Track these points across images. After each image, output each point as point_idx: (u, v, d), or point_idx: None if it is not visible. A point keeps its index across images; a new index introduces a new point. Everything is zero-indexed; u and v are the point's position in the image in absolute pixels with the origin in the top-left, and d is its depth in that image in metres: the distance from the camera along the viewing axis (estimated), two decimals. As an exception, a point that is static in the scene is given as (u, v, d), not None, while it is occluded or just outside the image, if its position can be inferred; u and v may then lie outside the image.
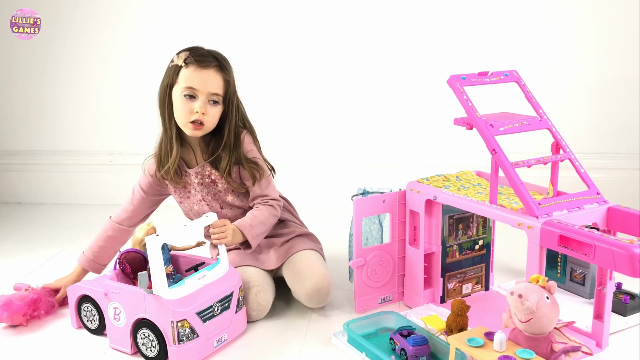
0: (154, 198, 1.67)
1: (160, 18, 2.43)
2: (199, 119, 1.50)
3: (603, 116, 2.38)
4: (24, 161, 2.61)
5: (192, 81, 1.49)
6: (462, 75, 1.43)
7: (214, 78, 1.51)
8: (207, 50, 1.55)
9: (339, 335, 1.43)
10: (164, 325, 1.30)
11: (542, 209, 1.29)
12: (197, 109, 1.49)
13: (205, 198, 1.61)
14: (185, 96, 1.50)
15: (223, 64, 1.54)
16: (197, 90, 1.49)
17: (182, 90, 1.50)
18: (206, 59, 1.51)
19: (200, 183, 1.59)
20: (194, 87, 1.49)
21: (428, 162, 2.40)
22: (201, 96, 1.50)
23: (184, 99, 1.50)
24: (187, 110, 1.50)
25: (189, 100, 1.50)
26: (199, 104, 1.49)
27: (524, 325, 1.17)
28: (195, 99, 1.50)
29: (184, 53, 1.52)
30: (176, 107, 1.52)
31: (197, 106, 1.49)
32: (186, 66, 1.50)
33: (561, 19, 2.31)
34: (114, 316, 1.39)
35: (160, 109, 1.55)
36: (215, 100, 1.52)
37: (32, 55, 2.50)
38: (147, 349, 1.35)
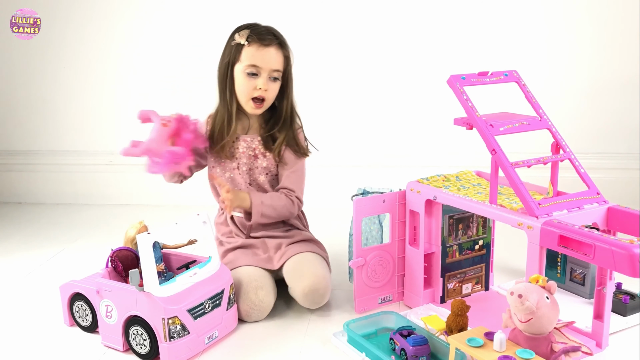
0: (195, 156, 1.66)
1: (160, 18, 2.43)
2: (261, 95, 1.56)
3: (603, 116, 2.38)
4: (24, 161, 2.61)
5: (255, 59, 1.54)
6: (462, 75, 1.43)
7: (275, 55, 1.56)
8: (265, 28, 1.59)
9: (339, 335, 1.43)
10: (155, 322, 1.30)
11: (542, 209, 1.29)
12: (260, 85, 1.55)
13: (240, 168, 1.63)
14: (248, 74, 1.55)
15: (283, 41, 1.59)
16: (260, 68, 1.54)
17: (244, 68, 1.55)
18: (267, 37, 1.55)
19: (243, 152, 1.63)
20: (257, 65, 1.54)
21: (428, 162, 2.40)
22: (263, 73, 1.55)
23: (247, 76, 1.55)
24: (250, 87, 1.55)
25: (251, 77, 1.55)
26: (262, 81, 1.55)
27: (524, 325, 1.17)
28: (257, 76, 1.55)
29: (245, 31, 1.56)
30: (238, 84, 1.57)
31: (261, 83, 1.54)
32: (248, 44, 1.54)
33: (561, 19, 2.31)
34: (106, 314, 1.39)
35: (220, 85, 1.61)
36: (276, 77, 1.57)
37: (32, 55, 2.50)
38: (138, 346, 1.36)
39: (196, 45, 2.40)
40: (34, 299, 1.69)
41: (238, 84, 1.57)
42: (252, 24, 1.59)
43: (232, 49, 1.57)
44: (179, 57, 2.45)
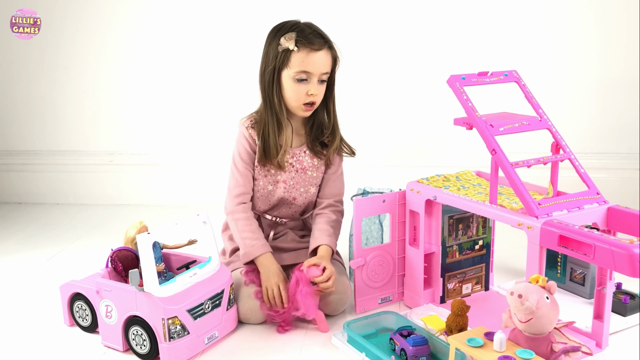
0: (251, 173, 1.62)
1: (160, 17, 2.43)
2: (312, 100, 1.51)
3: (603, 116, 2.38)
4: (24, 161, 2.61)
5: (306, 65, 1.48)
6: (462, 75, 1.43)
7: (325, 59, 1.51)
8: (311, 29, 1.52)
9: (339, 335, 1.43)
10: (155, 322, 1.31)
11: (542, 209, 1.29)
12: (312, 91, 1.50)
13: (288, 181, 1.60)
14: (298, 80, 1.49)
15: (331, 43, 1.53)
16: (310, 73, 1.49)
17: (294, 75, 1.49)
18: (317, 41, 1.49)
19: (292, 164, 1.59)
20: (309, 71, 1.49)
21: (428, 162, 2.40)
22: (314, 78, 1.50)
23: (296, 82, 1.50)
24: (302, 93, 1.50)
25: (301, 83, 1.50)
26: (313, 87, 1.50)
27: (524, 326, 1.16)
28: (307, 81, 1.50)
29: (290, 35, 1.49)
30: (288, 90, 1.51)
31: (313, 89, 1.50)
32: (298, 50, 1.48)
33: (561, 19, 2.31)
34: (106, 314, 1.39)
35: (266, 93, 1.54)
36: (324, 80, 1.53)
37: (32, 55, 2.50)
38: (138, 346, 1.36)
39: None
40: (34, 299, 1.69)
41: (288, 90, 1.51)
42: (294, 24, 1.52)
43: (278, 55, 1.50)
44: (179, 57, 2.45)
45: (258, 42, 2.39)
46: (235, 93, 2.44)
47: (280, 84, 1.52)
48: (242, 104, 2.42)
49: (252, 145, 1.58)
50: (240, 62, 2.41)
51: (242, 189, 1.59)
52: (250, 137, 1.58)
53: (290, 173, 1.59)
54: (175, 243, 1.58)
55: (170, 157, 2.53)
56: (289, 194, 1.61)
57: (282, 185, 1.60)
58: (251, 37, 2.40)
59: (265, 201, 1.62)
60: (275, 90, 1.52)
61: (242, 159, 1.58)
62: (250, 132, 1.58)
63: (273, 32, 1.54)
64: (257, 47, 2.40)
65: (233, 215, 1.58)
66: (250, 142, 1.58)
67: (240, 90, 2.43)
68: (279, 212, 1.64)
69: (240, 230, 1.56)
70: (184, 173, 2.51)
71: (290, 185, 1.60)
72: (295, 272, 1.45)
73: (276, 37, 1.52)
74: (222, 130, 2.47)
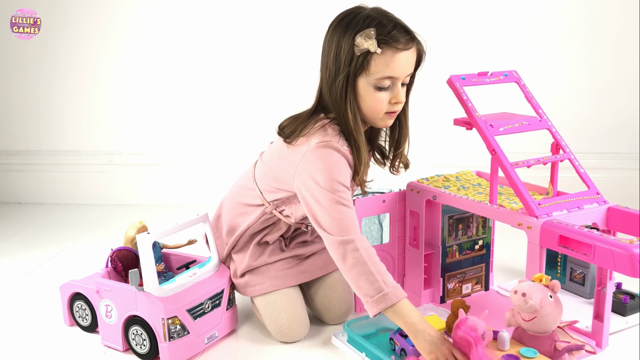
0: None
1: (159, 18, 2.43)
2: (397, 109, 1.28)
3: (603, 116, 2.38)
4: (24, 161, 2.61)
5: (393, 69, 1.22)
6: (462, 76, 1.43)
7: (412, 58, 1.25)
8: (392, 21, 1.24)
9: (339, 335, 1.43)
10: (155, 322, 1.31)
11: (542, 209, 1.29)
12: (399, 98, 1.26)
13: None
14: (379, 87, 1.24)
15: (416, 36, 1.27)
16: (396, 78, 1.24)
17: (376, 82, 1.23)
18: (403, 37, 1.22)
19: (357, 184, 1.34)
20: (394, 76, 1.23)
21: (428, 162, 2.40)
22: (398, 82, 1.25)
23: (377, 90, 1.24)
24: (384, 101, 1.26)
25: (384, 91, 1.25)
26: (399, 93, 1.26)
27: (528, 324, 1.17)
28: (389, 87, 1.25)
29: (368, 32, 1.20)
30: (367, 100, 1.26)
31: (398, 95, 1.25)
32: (381, 51, 1.21)
33: (561, 19, 2.31)
34: (105, 313, 1.39)
35: (340, 105, 1.26)
36: (406, 83, 1.29)
37: (32, 55, 2.50)
38: (138, 346, 1.36)
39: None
40: (34, 299, 1.69)
41: (367, 101, 1.26)
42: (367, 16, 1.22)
43: (353, 58, 1.22)
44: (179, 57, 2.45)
45: (258, 42, 2.41)
46: (235, 93, 2.44)
47: (355, 93, 1.26)
48: (242, 104, 2.43)
49: (350, 169, 1.30)
50: (240, 62, 2.41)
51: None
52: (351, 160, 1.29)
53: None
54: (175, 243, 1.58)
55: (170, 157, 2.53)
56: None
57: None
58: (251, 37, 2.40)
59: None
60: (350, 101, 1.25)
61: (346, 186, 1.28)
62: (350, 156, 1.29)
63: (341, 27, 1.24)
64: (258, 47, 2.41)
65: (360, 243, 1.24)
66: (350, 167, 1.30)
67: (240, 90, 2.43)
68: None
69: (372, 262, 1.23)
70: (184, 173, 2.52)
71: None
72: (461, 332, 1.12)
73: (347, 35, 1.22)
74: (222, 130, 2.47)
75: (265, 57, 2.42)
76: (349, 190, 1.29)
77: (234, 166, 2.22)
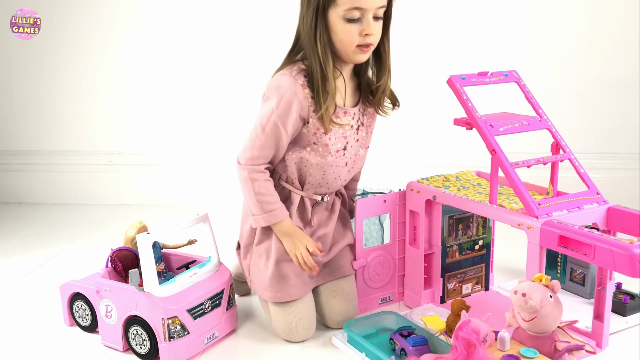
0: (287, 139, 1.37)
1: (159, 17, 2.43)
2: (370, 41, 1.30)
3: (603, 116, 2.38)
4: (24, 161, 2.61)
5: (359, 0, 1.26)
6: (462, 76, 1.43)
7: None
8: None
9: (339, 335, 1.43)
10: (155, 322, 1.31)
11: (542, 209, 1.29)
12: (369, 30, 1.28)
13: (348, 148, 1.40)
14: (349, 19, 1.28)
15: None
16: (364, 10, 1.27)
17: (345, 13, 1.27)
18: None
19: (351, 126, 1.40)
20: (362, 7, 1.26)
21: (428, 162, 2.40)
22: (369, 15, 1.28)
23: (347, 22, 1.28)
24: (355, 34, 1.28)
25: (354, 23, 1.28)
26: (368, 25, 1.28)
27: (528, 324, 1.17)
28: (360, 19, 1.28)
29: None
30: (338, 32, 1.29)
31: (368, 27, 1.28)
32: None
33: (561, 19, 2.31)
34: (105, 313, 1.39)
35: (310, 40, 1.31)
36: (379, 16, 1.31)
37: (32, 55, 2.50)
38: (138, 346, 1.36)
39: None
40: (34, 299, 1.69)
41: (338, 33, 1.29)
42: None
43: None
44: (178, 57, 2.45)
45: (258, 42, 2.41)
46: (236, 93, 2.44)
47: (326, 26, 1.30)
48: (242, 104, 2.43)
49: (305, 109, 1.33)
50: (240, 62, 2.41)
51: (271, 157, 1.37)
52: (305, 98, 1.32)
53: (350, 137, 1.41)
54: (175, 243, 1.58)
55: (170, 157, 2.53)
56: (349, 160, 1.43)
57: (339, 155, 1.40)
58: (251, 38, 2.40)
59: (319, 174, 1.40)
60: (320, 35, 1.29)
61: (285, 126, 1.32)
62: (307, 93, 1.33)
63: None
64: (258, 48, 2.41)
65: (250, 175, 1.35)
66: (304, 106, 1.33)
67: (240, 91, 2.43)
68: (328, 188, 1.44)
69: (256, 191, 1.35)
70: (184, 173, 2.51)
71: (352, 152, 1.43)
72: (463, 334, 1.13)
73: None
74: (222, 130, 2.47)
75: (265, 57, 2.42)
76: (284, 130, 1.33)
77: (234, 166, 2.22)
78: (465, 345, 1.11)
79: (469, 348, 1.11)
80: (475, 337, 1.11)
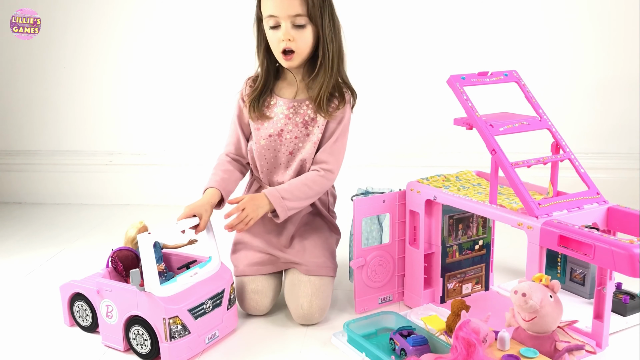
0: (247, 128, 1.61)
1: (160, 17, 2.43)
2: (287, 47, 1.43)
3: (603, 116, 2.38)
4: (24, 161, 2.61)
5: (271, 8, 1.42)
6: (462, 75, 1.43)
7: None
8: None
9: (339, 335, 1.43)
10: (156, 322, 1.30)
11: (542, 209, 1.29)
12: (282, 36, 1.42)
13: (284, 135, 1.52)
14: (271, 27, 1.44)
15: None
16: (278, 18, 1.42)
17: (266, 21, 1.44)
18: None
19: (288, 116, 1.52)
20: (274, 15, 1.42)
21: (428, 162, 2.40)
22: (284, 22, 1.42)
23: (271, 30, 1.45)
24: (277, 40, 1.44)
25: (276, 30, 1.44)
26: (282, 31, 1.42)
27: (528, 324, 1.17)
28: (278, 26, 1.43)
29: None
30: (268, 40, 1.47)
31: (281, 33, 1.43)
32: None
33: (561, 18, 2.31)
34: (106, 314, 1.39)
35: (256, 47, 1.52)
36: (301, 24, 1.43)
37: (32, 55, 2.50)
38: (139, 346, 1.36)
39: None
40: (34, 299, 1.69)
41: (268, 40, 1.47)
42: None
43: (255, 6, 1.48)
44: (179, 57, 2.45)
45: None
46: (236, 93, 2.44)
47: (264, 36, 1.49)
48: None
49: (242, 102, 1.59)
50: (240, 63, 2.41)
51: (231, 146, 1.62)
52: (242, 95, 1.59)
53: (287, 125, 1.53)
54: (175, 243, 1.58)
55: (170, 157, 2.53)
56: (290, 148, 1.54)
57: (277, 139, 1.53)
58: (252, 39, 2.40)
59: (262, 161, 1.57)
60: (262, 43, 1.50)
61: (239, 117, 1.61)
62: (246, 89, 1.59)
63: None
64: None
65: (218, 160, 1.62)
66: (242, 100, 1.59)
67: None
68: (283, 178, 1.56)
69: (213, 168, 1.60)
70: (184, 173, 2.52)
71: (287, 139, 1.53)
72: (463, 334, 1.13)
73: None
74: (222, 130, 2.47)
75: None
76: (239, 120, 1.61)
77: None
78: (465, 345, 1.12)
79: (469, 348, 1.11)
80: (475, 337, 1.11)
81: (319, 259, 1.55)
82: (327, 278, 1.55)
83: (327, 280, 1.54)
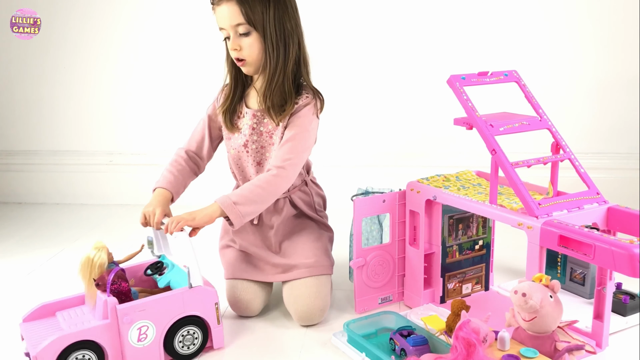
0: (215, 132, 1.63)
1: (160, 18, 2.43)
2: (236, 56, 1.47)
3: (603, 116, 2.38)
4: (24, 161, 2.61)
5: (218, 21, 1.46)
6: (462, 75, 1.43)
7: (228, 11, 1.43)
8: None
9: (339, 335, 1.43)
10: (208, 312, 1.35)
11: (542, 209, 1.29)
12: (230, 46, 1.46)
13: (249, 145, 1.54)
14: (225, 39, 1.48)
15: None
16: (225, 29, 1.45)
17: (221, 34, 1.48)
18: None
19: (252, 127, 1.53)
20: (221, 27, 1.46)
21: (428, 162, 2.40)
22: (231, 32, 1.45)
23: (225, 41, 1.49)
24: (230, 51, 1.48)
25: (228, 41, 1.47)
26: (231, 42, 1.45)
27: (528, 324, 1.17)
28: (228, 37, 1.46)
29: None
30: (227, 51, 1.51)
31: (230, 44, 1.46)
32: (213, 9, 1.47)
33: (561, 18, 2.32)
34: (138, 338, 1.29)
35: (225, 57, 1.54)
36: (244, 33, 1.44)
37: (32, 55, 2.50)
38: (185, 347, 1.35)
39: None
40: (34, 299, 1.69)
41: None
42: None
43: None
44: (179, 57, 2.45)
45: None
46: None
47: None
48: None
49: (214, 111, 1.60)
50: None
51: (194, 144, 1.64)
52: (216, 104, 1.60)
53: (252, 135, 1.53)
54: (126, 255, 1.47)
55: (170, 157, 2.53)
56: (255, 157, 1.55)
57: (243, 151, 1.55)
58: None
59: (236, 168, 1.60)
60: (227, 53, 1.52)
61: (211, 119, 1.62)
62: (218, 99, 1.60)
63: None
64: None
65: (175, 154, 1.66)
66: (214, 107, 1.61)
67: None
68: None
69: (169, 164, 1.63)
70: (184, 173, 2.51)
71: (253, 149, 1.54)
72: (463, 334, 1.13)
73: None
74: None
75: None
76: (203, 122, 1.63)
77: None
78: (465, 345, 1.12)
79: (469, 348, 1.11)
80: (475, 337, 1.11)
81: (312, 259, 1.54)
82: (324, 277, 1.54)
83: (324, 279, 1.54)
